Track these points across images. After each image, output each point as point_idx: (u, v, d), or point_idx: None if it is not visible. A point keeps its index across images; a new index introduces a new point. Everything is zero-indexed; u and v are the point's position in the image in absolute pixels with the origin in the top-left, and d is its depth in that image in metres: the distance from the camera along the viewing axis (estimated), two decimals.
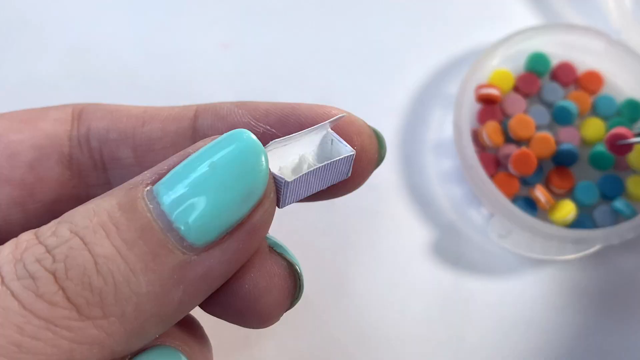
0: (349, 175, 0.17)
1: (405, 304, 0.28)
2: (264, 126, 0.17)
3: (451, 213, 0.30)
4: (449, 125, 0.31)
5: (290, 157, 0.16)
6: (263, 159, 0.15)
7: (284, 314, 0.17)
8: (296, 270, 0.17)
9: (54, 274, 0.13)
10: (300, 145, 0.17)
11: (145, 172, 0.15)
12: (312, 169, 0.16)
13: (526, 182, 0.29)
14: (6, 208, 0.18)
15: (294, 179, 0.16)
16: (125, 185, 0.15)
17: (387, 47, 0.33)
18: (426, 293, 0.28)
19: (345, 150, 0.16)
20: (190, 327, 0.17)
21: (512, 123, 0.29)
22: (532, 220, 0.27)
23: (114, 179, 0.19)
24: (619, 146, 0.28)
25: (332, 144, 0.17)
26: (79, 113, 0.19)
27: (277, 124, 0.17)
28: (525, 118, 0.29)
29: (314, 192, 0.17)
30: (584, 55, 0.31)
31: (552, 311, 0.28)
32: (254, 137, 0.15)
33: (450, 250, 0.29)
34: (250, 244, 0.15)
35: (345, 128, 0.17)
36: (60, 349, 0.13)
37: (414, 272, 0.28)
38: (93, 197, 0.18)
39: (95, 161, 0.19)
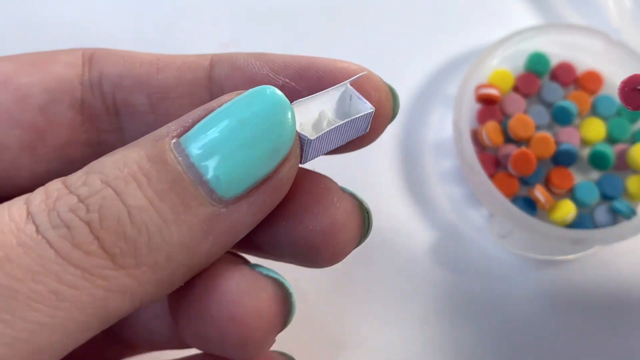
0: (367, 131, 0.18)
1: (405, 304, 0.28)
2: (282, 79, 0.18)
3: (451, 213, 0.30)
4: (448, 125, 0.31)
5: (309, 113, 0.17)
6: (290, 115, 0.15)
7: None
8: (366, 209, 0.17)
9: (88, 223, 0.13)
10: (319, 101, 0.17)
11: (169, 124, 0.15)
12: (333, 126, 0.16)
13: (526, 182, 0.29)
14: (16, 151, 0.18)
15: (317, 137, 0.16)
16: (150, 136, 0.15)
17: (387, 47, 0.33)
18: (426, 293, 0.28)
19: (365, 107, 0.17)
20: None
21: (512, 123, 0.29)
22: (532, 220, 0.27)
23: (126, 124, 0.19)
24: (636, 95, 0.22)
25: (350, 100, 0.17)
26: (90, 57, 0.19)
27: (296, 77, 0.17)
28: (525, 118, 0.29)
29: (334, 147, 0.17)
30: (583, 55, 0.31)
31: (552, 311, 0.28)
32: (281, 93, 0.15)
33: (450, 250, 0.29)
34: (275, 197, 0.16)
35: (363, 84, 0.17)
36: (95, 298, 0.13)
37: (413, 272, 0.28)
38: (104, 143, 0.19)
39: (107, 106, 0.19)
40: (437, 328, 0.27)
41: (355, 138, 0.18)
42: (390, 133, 0.31)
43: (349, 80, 0.17)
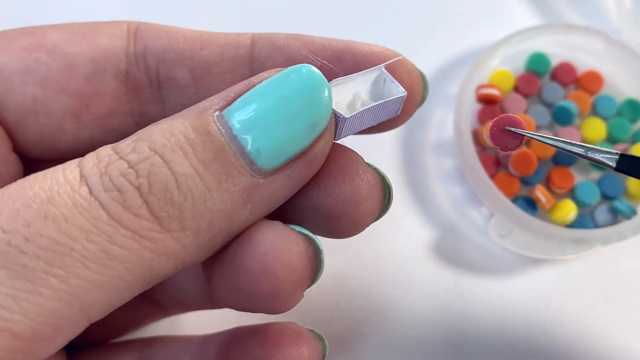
0: (398, 113, 0.18)
1: (405, 304, 0.28)
2: (320, 60, 0.18)
3: (451, 213, 0.30)
4: (449, 125, 0.31)
5: (344, 92, 0.17)
6: (327, 93, 0.16)
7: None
8: (388, 184, 0.18)
9: (138, 188, 0.14)
10: (354, 82, 0.18)
11: (212, 97, 0.16)
12: (366, 107, 0.17)
13: (526, 182, 0.29)
14: (61, 117, 0.19)
15: (351, 115, 0.17)
16: (194, 108, 0.16)
17: (387, 47, 0.33)
18: (426, 293, 0.28)
19: (398, 90, 0.18)
20: None
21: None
22: (532, 220, 0.28)
23: (168, 97, 0.20)
24: (503, 136, 0.19)
25: (384, 83, 0.18)
26: (135, 30, 0.19)
27: (334, 59, 0.18)
28: (525, 118, 0.29)
29: (365, 127, 0.18)
30: (583, 55, 0.31)
31: (552, 311, 0.28)
32: (318, 71, 0.16)
33: (451, 250, 0.29)
34: (310, 171, 0.16)
35: (396, 68, 0.18)
36: (142, 258, 0.14)
37: (414, 272, 0.28)
38: (145, 114, 0.20)
39: (150, 79, 0.19)
40: (437, 327, 0.27)
41: (386, 119, 0.18)
42: (391, 133, 0.31)
43: (384, 64, 0.18)
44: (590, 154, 0.18)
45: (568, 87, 0.31)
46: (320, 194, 0.17)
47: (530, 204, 0.29)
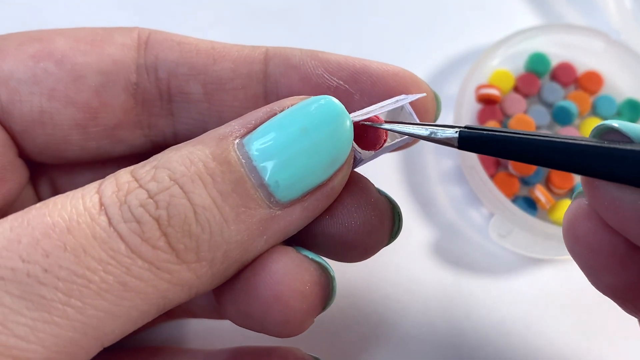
0: (410, 142, 0.18)
1: (405, 304, 0.28)
2: (337, 81, 0.18)
3: (451, 213, 0.30)
4: None
5: (362, 117, 0.17)
6: (348, 126, 0.16)
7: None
8: (398, 212, 0.18)
9: (157, 219, 0.14)
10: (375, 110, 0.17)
11: (232, 122, 0.16)
12: (384, 147, 0.17)
13: (526, 182, 0.29)
14: (67, 128, 0.18)
15: (369, 157, 0.17)
16: (214, 134, 0.16)
17: (387, 47, 0.33)
18: (426, 293, 0.28)
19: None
20: None
21: (512, 123, 0.29)
22: (532, 220, 0.28)
23: (178, 110, 0.19)
24: (363, 131, 0.18)
25: (401, 110, 0.18)
26: (146, 40, 0.19)
27: (350, 80, 0.18)
28: (525, 118, 0.29)
29: (379, 156, 0.18)
30: (583, 55, 0.31)
31: (552, 311, 0.28)
32: (340, 103, 0.16)
33: (450, 250, 0.29)
34: (326, 203, 0.17)
35: (411, 89, 0.18)
36: (157, 289, 0.14)
37: (414, 272, 0.28)
38: (154, 126, 0.19)
39: (161, 92, 0.19)
40: (437, 327, 0.27)
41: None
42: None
43: (409, 99, 0.18)
44: (433, 136, 0.17)
45: (568, 87, 0.31)
46: (332, 222, 0.17)
47: (530, 204, 0.29)
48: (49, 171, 0.20)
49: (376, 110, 0.17)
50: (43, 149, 0.19)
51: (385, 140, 0.17)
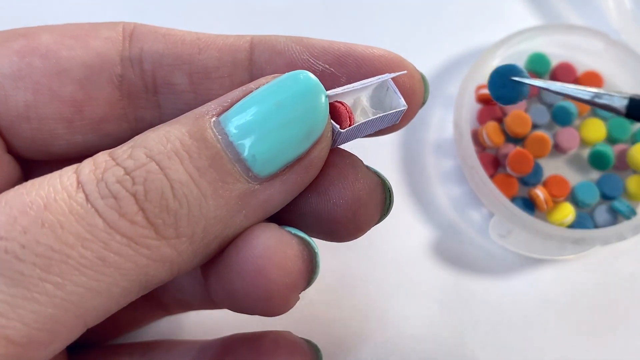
0: (397, 122, 0.18)
1: (405, 303, 0.28)
2: (322, 64, 0.18)
3: (451, 213, 0.30)
4: (449, 126, 0.31)
5: (345, 98, 0.17)
6: (323, 99, 0.16)
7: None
8: (388, 188, 0.18)
9: (134, 195, 0.14)
10: (357, 90, 0.17)
11: (209, 103, 0.16)
12: (364, 120, 0.17)
13: (526, 182, 0.29)
14: (53, 122, 0.18)
15: (347, 129, 0.17)
16: (191, 114, 0.16)
17: (387, 47, 0.33)
18: (426, 293, 0.28)
19: (399, 103, 0.17)
20: None
21: (509, 120, 0.29)
22: (532, 220, 0.28)
23: (164, 102, 0.19)
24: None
25: (387, 90, 0.18)
26: (130, 33, 0.19)
27: (335, 64, 0.18)
28: (522, 114, 0.29)
29: (363, 135, 0.18)
30: (583, 55, 0.31)
31: (552, 311, 0.28)
32: (315, 78, 0.16)
33: (450, 250, 0.29)
34: (307, 177, 0.16)
35: (397, 71, 0.18)
36: (137, 265, 0.14)
37: (414, 272, 0.28)
38: (141, 119, 0.19)
39: (146, 84, 0.19)
40: (438, 327, 0.27)
41: (385, 127, 0.18)
42: (391, 133, 0.31)
43: (390, 75, 0.17)
44: (597, 100, 0.16)
45: None
46: (320, 199, 0.17)
47: (530, 204, 0.29)
48: (40, 168, 0.20)
49: (357, 86, 0.17)
50: (30, 144, 0.19)
51: (351, 120, 0.17)
